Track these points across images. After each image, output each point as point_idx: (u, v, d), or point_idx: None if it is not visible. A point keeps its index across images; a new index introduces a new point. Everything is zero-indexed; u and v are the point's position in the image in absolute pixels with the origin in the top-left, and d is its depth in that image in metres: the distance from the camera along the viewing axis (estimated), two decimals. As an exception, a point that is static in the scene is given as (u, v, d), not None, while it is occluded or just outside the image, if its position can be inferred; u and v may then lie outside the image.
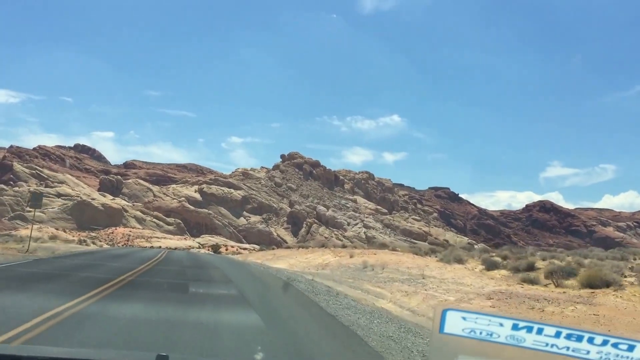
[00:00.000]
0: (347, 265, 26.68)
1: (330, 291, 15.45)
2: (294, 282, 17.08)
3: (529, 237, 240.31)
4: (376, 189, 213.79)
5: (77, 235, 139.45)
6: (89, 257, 27.06)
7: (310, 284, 16.78)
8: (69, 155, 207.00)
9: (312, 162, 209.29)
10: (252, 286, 16.57)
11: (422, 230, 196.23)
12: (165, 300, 11.15)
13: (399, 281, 17.58)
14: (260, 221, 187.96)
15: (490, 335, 2.03)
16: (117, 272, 16.58)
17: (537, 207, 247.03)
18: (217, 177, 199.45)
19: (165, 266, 21.98)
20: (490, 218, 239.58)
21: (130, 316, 8.83)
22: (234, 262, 31.48)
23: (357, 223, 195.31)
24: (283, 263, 36.29)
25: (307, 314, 11.34)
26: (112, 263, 22.10)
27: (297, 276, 20.56)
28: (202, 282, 16.22)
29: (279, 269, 29.11)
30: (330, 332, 9.15)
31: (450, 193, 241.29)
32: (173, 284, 15.16)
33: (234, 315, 10.00)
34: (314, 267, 29.55)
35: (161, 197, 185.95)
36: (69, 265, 19.71)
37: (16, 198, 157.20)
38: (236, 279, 18.09)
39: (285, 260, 39.31)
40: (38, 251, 28.93)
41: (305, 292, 14.65)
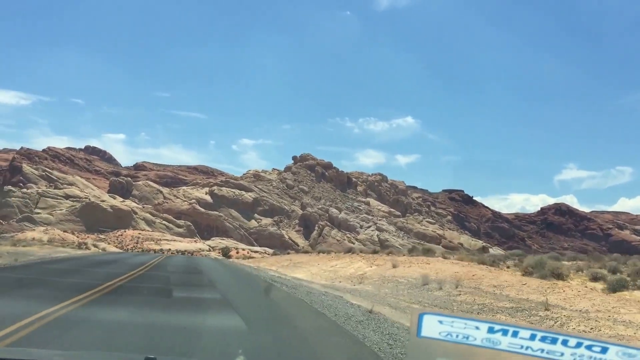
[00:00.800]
0: (395, 279, 20.44)
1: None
2: (349, 320, 10.21)
3: (543, 241, 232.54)
4: (389, 191, 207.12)
5: (85, 238, 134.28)
6: (60, 264, 21.08)
7: (378, 321, 10.21)
8: (79, 157, 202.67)
9: (324, 164, 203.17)
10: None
11: (436, 233, 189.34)
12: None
13: (506, 313, 11.45)
14: (272, 224, 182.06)
15: (467, 338, 2.05)
16: (61, 293, 10.42)
17: (553, 209, 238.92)
18: (228, 179, 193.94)
19: (143, 283, 15.40)
20: (504, 221, 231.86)
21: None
22: (243, 273, 25.34)
23: (370, 226, 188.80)
24: (303, 272, 30.13)
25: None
26: (70, 278, 15.60)
27: (336, 299, 14.27)
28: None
29: (299, 281, 22.97)
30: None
31: (464, 196, 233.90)
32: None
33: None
34: (346, 280, 23.31)
35: (171, 199, 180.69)
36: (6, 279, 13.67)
37: (24, 200, 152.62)
38: (250, 319, 10.70)
39: (304, 268, 33.15)
40: (3, 257, 22.90)
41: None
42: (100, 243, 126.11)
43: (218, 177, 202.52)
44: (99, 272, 17.84)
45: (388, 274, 21.94)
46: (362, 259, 30.01)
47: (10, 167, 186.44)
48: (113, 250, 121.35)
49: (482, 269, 19.45)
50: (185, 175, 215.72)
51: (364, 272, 24.09)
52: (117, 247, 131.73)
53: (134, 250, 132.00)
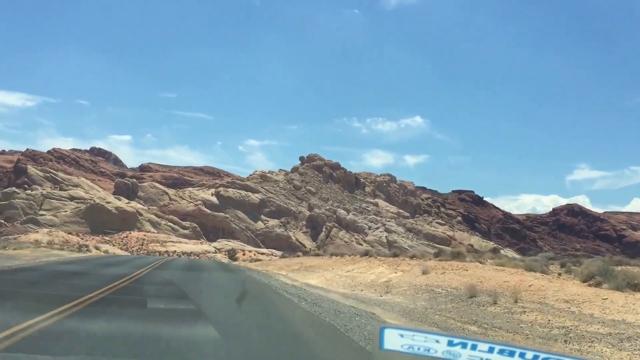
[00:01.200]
0: (429, 288, 17.28)
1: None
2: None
3: (555, 242, 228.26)
4: (398, 192, 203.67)
5: (90, 240, 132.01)
6: (30, 274, 17.98)
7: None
8: (84, 158, 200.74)
9: (332, 165, 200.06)
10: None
11: (446, 235, 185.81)
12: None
13: (606, 342, 8.31)
14: (279, 225, 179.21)
15: (428, 351, 2.14)
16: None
17: (565, 210, 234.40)
18: (234, 180, 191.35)
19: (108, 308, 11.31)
20: (515, 222, 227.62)
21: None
22: (251, 281, 22.04)
23: (379, 227, 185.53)
24: (316, 278, 27.02)
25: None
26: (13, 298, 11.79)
27: (371, 319, 11.08)
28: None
29: (314, 289, 19.86)
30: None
31: (474, 196, 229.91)
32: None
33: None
34: (368, 288, 20.19)
35: (177, 201, 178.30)
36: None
37: (28, 201, 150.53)
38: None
39: (318, 273, 30.03)
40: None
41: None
42: (105, 245, 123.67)
43: (224, 178, 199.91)
44: (62, 285, 14.74)
45: (419, 282, 18.79)
46: (383, 263, 26.83)
47: (15, 168, 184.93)
48: (118, 252, 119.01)
49: (537, 278, 16.20)
50: (191, 176, 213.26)
51: (388, 280, 20.94)
52: (122, 249, 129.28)
53: (140, 252, 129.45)
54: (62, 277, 17.67)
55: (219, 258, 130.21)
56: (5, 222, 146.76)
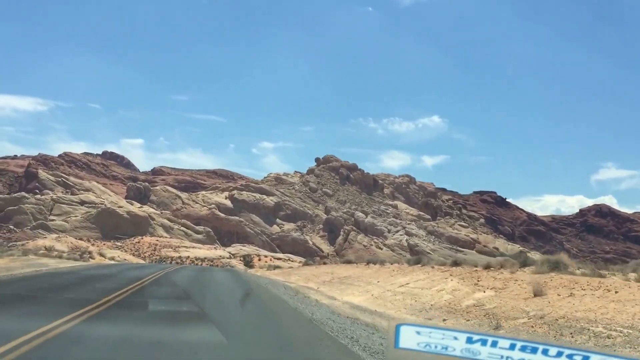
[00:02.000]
0: (567, 323, 10.47)
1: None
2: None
3: (583, 244, 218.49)
4: (418, 193, 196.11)
5: (101, 245, 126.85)
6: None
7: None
8: (96, 162, 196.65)
9: (348, 166, 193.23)
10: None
11: (469, 238, 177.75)
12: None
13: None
14: (295, 229, 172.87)
15: (446, 348, 2.06)
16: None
17: (593, 211, 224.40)
18: (249, 183, 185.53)
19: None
20: (540, 224, 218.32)
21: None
22: (279, 309, 15.03)
23: (399, 230, 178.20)
24: (359, 294, 20.48)
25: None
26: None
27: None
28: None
29: (368, 315, 13.21)
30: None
31: (497, 197, 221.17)
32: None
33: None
34: (450, 314, 13.67)
35: (190, 205, 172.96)
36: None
37: (38, 206, 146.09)
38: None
39: (358, 287, 23.39)
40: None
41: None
42: (115, 251, 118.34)
43: (238, 181, 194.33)
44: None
45: (534, 308, 12.15)
46: (449, 275, 20.06)
47: (26, 173, 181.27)
48: (130, 258, 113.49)
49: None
50: (204, 179, 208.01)
51: (477, 302, 14.27)
52: (134, 255, 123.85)
53: (152, 258, 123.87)
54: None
55: (233, 264, 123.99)
56: (14, 228, 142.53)
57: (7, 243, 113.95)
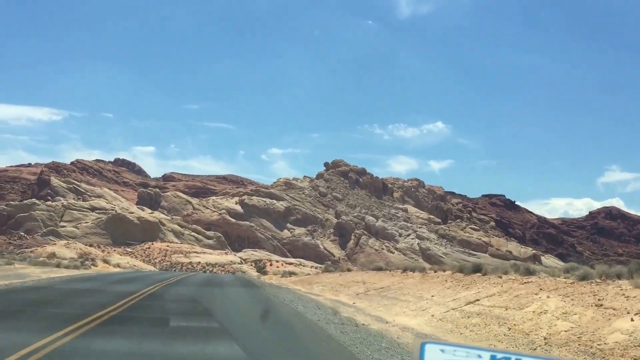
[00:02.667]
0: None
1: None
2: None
3: (595, 247, 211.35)
4: (427, 197, 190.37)
5: (112, 251, 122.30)
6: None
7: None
8: (107, 169, 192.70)
9: (358, 170, 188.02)
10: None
11: (481, 241, 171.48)
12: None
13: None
14: (305, 233, 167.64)
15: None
16: None
17: (603, 213, 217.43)
18: (259, 188, 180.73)
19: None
20: (551, 226, 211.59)
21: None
22: (313, 334, 10.09)
23: (410, 234, 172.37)
24: (411, 314, 15.66)
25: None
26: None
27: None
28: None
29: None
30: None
31: (506, 200, 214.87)
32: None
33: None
34: (581, 351, 8.21)
35: (200, 210, 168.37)
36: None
37: (49, 213, 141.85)
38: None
39: (406, 302, 18.28)
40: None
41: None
42: (125, 257, 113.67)
43: (248, 187, 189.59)
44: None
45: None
46: (539, 289, 14.69)
47: (39, 180, 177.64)
48: (140, 265, 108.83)
49: None
50: (214, 185, 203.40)
51: (629, 335, 9.13)
52: (144, 261, 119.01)
53: (163, 264, 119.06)
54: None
55: (245, 269, 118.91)
56: (25, 235, 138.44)
57: (15, 250, 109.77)
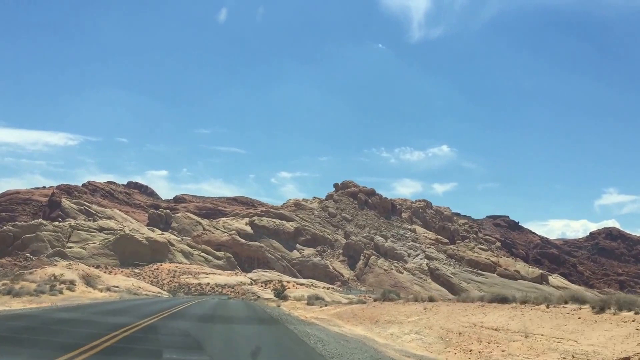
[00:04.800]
0: None
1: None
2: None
3: (595, 267, 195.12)
4: (435, 217, 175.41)
5: (119, 273, 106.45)
6: None
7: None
8: (119, 190, 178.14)
9: (366, 191, 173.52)
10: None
11: (489, 261, 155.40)
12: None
13: None
14: (315, 254, 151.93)
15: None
16: None
17: (603, 234, 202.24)
18: (269, 209, 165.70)
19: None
20: (553, 247, 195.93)
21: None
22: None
23: (418, 254, 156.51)
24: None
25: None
26: None
27: None
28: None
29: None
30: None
31: (510, 221, 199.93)
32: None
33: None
34: None
35: (211, 231, 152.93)
36: None
37: (56, 234, 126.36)
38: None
39: None
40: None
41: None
42: (131, 279, 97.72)
43: (258, 208, 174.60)
44: None
45: None
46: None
47: (50, 202, 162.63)
48: (147, 287, 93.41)
49: None
50: (224, 206, 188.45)
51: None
52: (152, 283, 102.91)
53: (171, 285, 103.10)
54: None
55: (256, 291, 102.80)
56: (31, 256, 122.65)
57: (15, 271, 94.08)
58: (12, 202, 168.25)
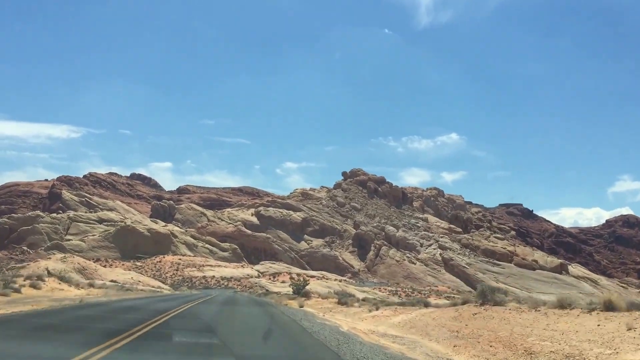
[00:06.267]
0: None
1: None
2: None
3: (613, 255, 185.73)
4: (447, 206, 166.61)
5: (120, 265, 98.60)
6: None
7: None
8: (121, 181, 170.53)
9: (376, 179, 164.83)
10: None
11: (506, 250, 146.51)
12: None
13: None
14: (323, 245, 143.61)
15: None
16: None
17: (620, 222, 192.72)
18: (275, 199, 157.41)
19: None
20: (569, 235, 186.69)
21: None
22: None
23: (432, 244, 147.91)
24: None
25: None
26: None
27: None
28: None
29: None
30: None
31: (524, 210, 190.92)
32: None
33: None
34: None
35: (215, 222, 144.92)
36: None
37: (54, 226, 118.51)
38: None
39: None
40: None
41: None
42: (130, 273, 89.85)
43: (264, 198, 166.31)
44: None
45: None
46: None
47: (50, 194, 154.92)
48: (148, 281, 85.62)
49: None
50: (229, 197, 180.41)
51: None
52: (154, 277, 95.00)
53: (175, 279, 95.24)
54: None
55: (263, 283, 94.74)
56: (28, 250, 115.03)
57: (6, 265, 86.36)
58: (11, 195, 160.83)
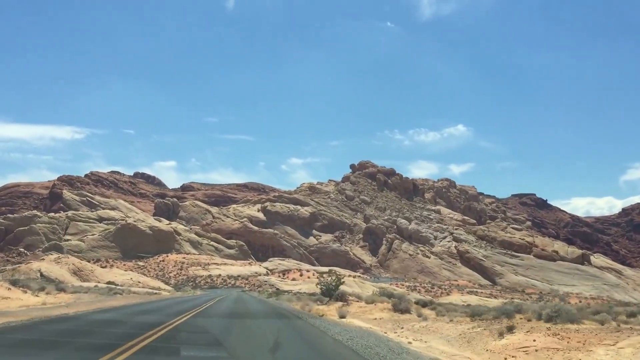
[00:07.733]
0: None
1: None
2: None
3: (631, 244, 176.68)
4: (459, 197, 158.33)
5: (121, 266, 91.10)
6: None
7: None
8: (123, 180, 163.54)
9: (386, 171, 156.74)
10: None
11: (524, 241, 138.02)
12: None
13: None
14: (333, 240, 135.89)
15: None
16: None
17: (637, 209, 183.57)
18: (281, 194, 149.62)
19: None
20: (585, 225, 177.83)
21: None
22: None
23: (446, 236, 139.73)
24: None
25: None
26: None
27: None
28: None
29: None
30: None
31: (537, 199, 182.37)
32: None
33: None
34: None
35: (221, 219, 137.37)
36: None
37: (52, 226, 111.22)
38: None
39: None
40: None
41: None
42: (129, 273, 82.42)
43: (270, 193, 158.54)
44: None
45: None
46: None
47: (51, 194, 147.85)
48: (144, 282, 78.53)
49: None
50: (234, 193, 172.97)
51: None
52: (157, 277, 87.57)
53: (179, 279, 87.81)
54: None
55: (273, 282, 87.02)
56: (25, 251, 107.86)
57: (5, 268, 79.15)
58: (12, 196, 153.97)
